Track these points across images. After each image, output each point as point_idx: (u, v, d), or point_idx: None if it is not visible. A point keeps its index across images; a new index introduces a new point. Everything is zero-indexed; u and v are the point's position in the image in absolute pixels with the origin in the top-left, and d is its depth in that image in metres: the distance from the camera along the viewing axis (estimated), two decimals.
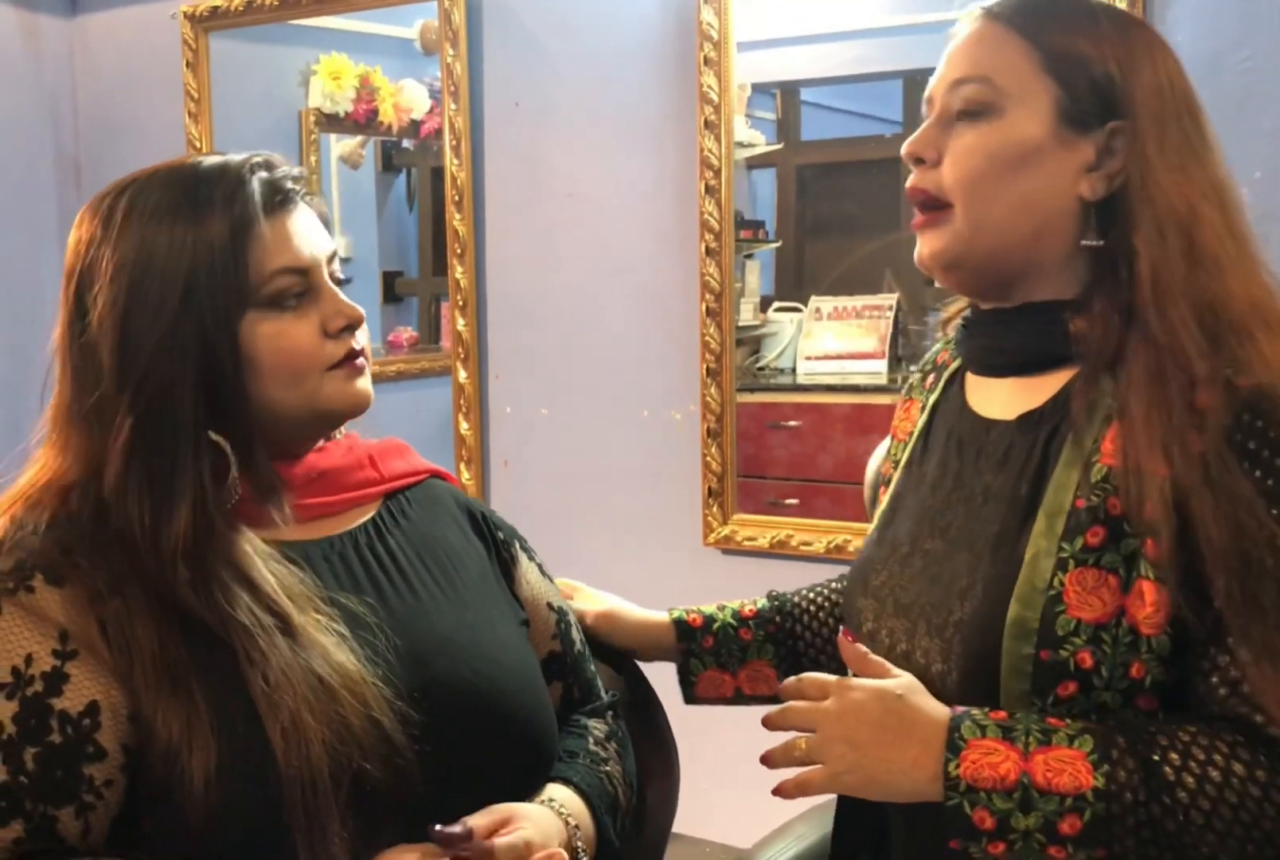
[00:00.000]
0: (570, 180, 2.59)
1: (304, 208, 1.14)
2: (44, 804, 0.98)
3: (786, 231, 2.83)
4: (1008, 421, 1.12)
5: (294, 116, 3.21)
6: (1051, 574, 1.01)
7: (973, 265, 1.10)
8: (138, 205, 1.09)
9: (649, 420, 2.54)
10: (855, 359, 2.65)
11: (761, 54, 2.49)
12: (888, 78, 2.78)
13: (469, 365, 2.70)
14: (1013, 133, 1.07)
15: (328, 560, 1.14)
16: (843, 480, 2.60)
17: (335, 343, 1.12)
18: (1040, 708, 1.00)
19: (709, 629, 1.38)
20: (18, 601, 1.02)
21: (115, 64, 3.20)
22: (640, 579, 2.50)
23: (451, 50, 2.63)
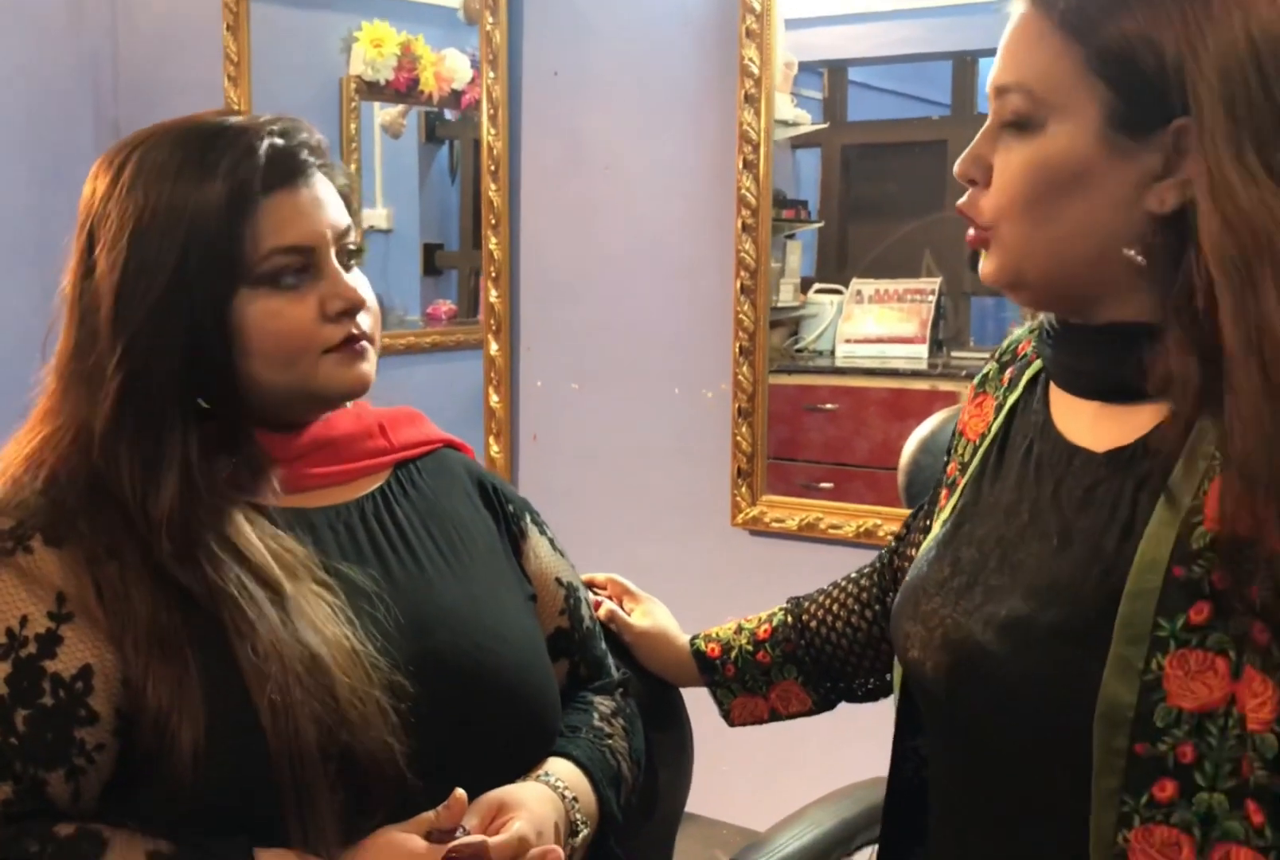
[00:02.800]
0: (607, 152, 2.56)
1: (320, 180, 1.10)
2: (34, 766, 0.97)
3: (829, 212, 2.80)
4: (1095, 453, 0.98)
5: (335, 83, 3.19)
6: (1148, 654, 0.87)
7: (1033, 288, 0.98)
8: (146, 163, 1.06)
9: (680, 398, 2.51)
10: (895, 343, 2.62)
11: (810, 32, 2.46)
12: (937, 58, 2.75)
13: (500, 338, 2.68)
14: (1055, 151, 0.93)
15: (333, 528, 1.12)
16: (879, 465, 2.56)
17: (333, 326, 1.08)
18: (1133, 809, 0.87)
19: (727, 658, 1.35)
20: (15, 562, 1.01)
21: (156, 27, 3.19)
22: (666, 558, 2.49)
23: (491, 18, 2.60)
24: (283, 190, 1.07)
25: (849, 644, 1.32)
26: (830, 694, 1.34)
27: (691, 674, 1.37)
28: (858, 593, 1.34)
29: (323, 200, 1.10)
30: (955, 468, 1.14)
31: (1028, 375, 1.10)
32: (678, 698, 1.42)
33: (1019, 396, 1.10)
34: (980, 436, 1.12)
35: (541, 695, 1.15)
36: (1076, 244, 0.94)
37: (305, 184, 1.09)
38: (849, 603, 1.34)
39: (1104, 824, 0.89)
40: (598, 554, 1.42)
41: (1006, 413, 1.10)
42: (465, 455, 1.31)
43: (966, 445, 1.14)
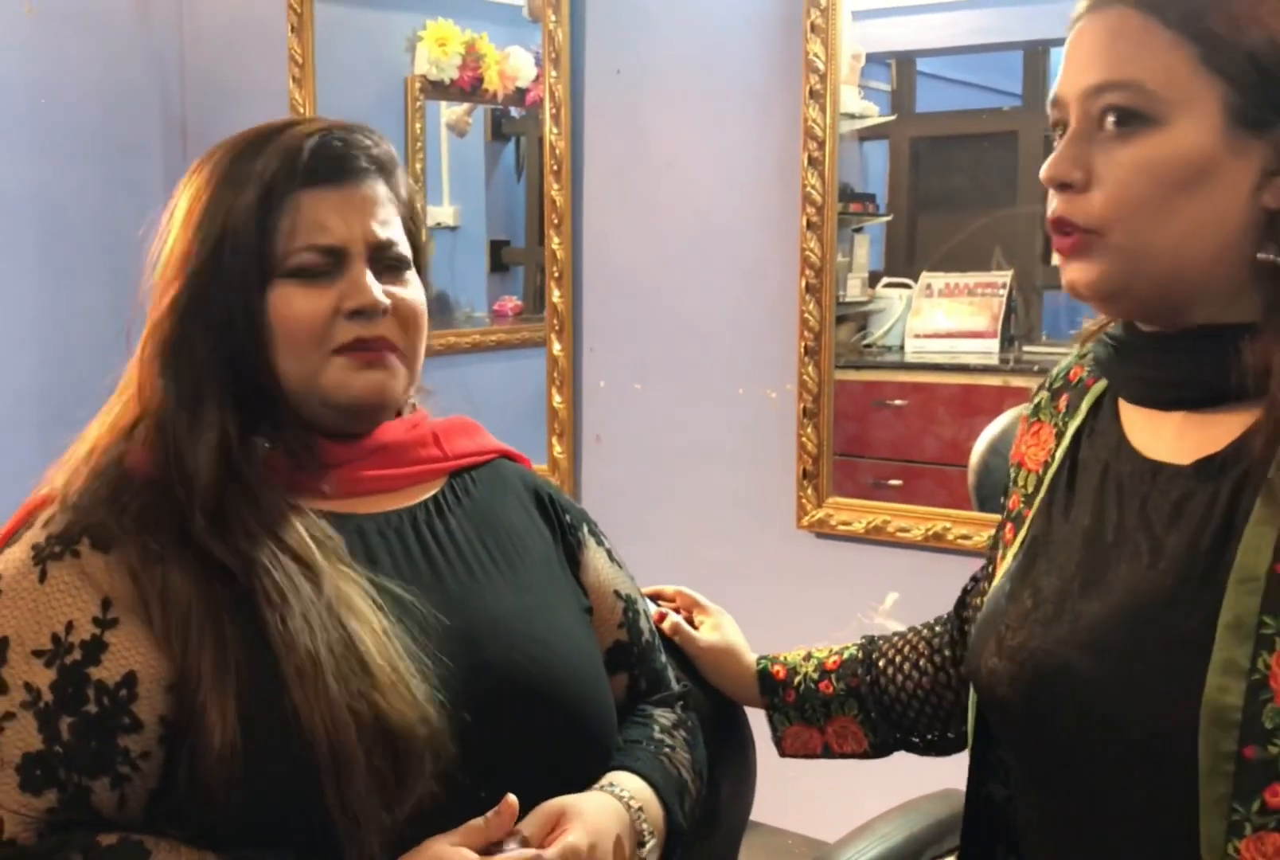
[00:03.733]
0: (670, 150, 2.53)
1: (371, 186, 1.12)
2: (78, 774, 0.97)
3: (898, 205, 2.78)
4: (1180, 466, 0.96)
5: (399, 83, 3.19)
6: (1254, 654, 0.86)
7: (1137, 294, 0.95)
8: (211, 162, 1.13)
9: (744, 398, 2.48)
10: (966, 338, 2.58)
11: (877, 23, 2.43)
12: (1007, 49, 2.71)
13: (564, 337, 2.66)
14: (1179, 146, 0.91)
15: (383, 535, 1.12)
16: (949, 462, 2.53)
17: (349, 324, 1.09)
18: (1244, 817, 0.85)
19: (790, 682, 1.33)
20: (62, 567, 1.01)
21: (221, 29, 3.21)
22: (730, 560, 2.47)
23: (554, 16, 2.58)
24: (323, 188, 1.09)
25: (913, 687, 1.29)
26: (888, 738, 1.32)
27: (753, 694, 1.35)
28: (930, 637, 1.32)
29: (364, 205, 1.11)
30: (1018, 500, 1.11)
31: (1089, 400, 1.08)
32: (740, 710, 1.40)
33: (1082, 422, 1.08)
34: (1043, 466, 1.10)
35: (594, 708, 1.13)
36: (1195, 244, 0.92)
37: (350, 186, 1.11)
38: (920, 646, 1.31)
39: (1213, 833, 0.86)
40: (660, 556, 1.40)
41: (1070, 439, 1.07)
42: (522, 465, 1.30)
43: (1028, 476, 1.11)
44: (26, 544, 1.04)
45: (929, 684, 1.29)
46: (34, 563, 1.02)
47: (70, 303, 3.11)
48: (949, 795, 1.74)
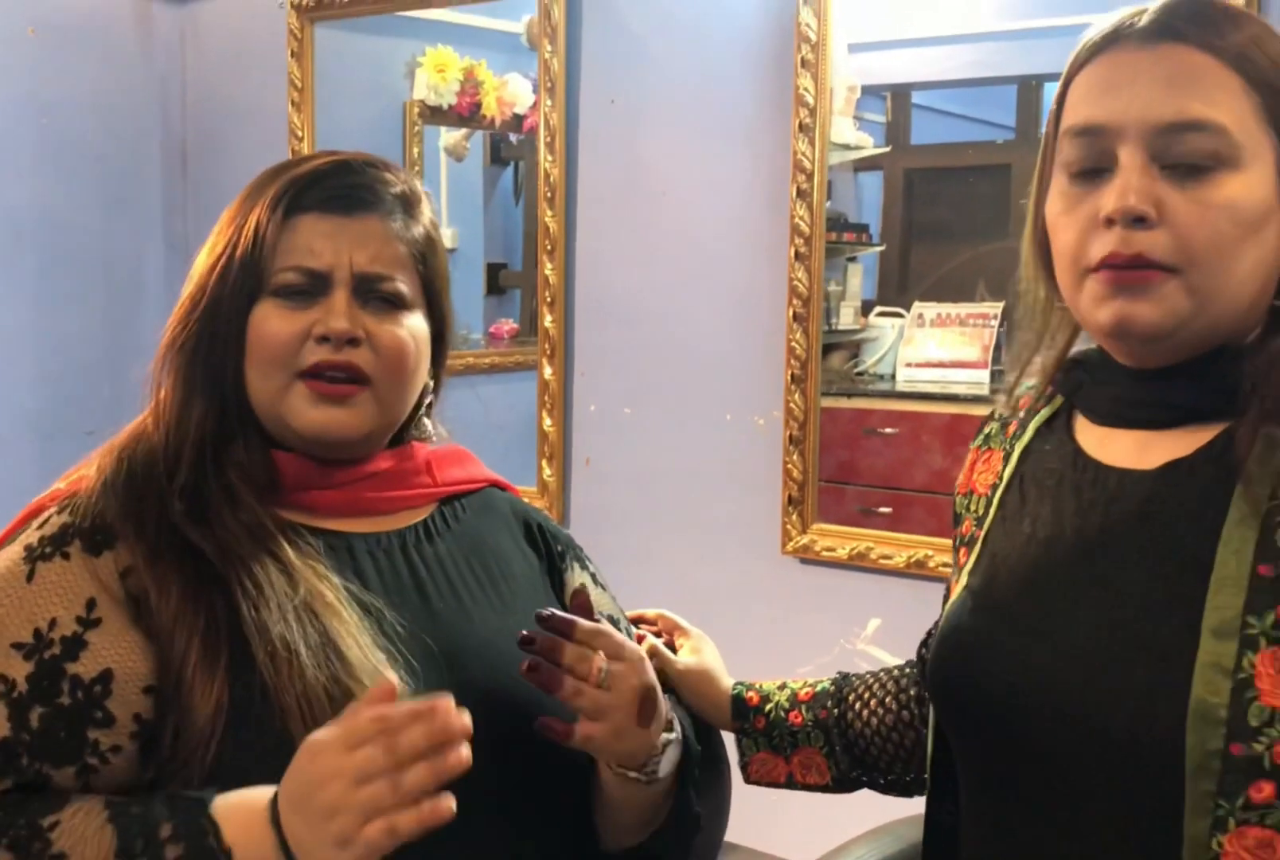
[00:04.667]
0: (663, 179, 2.57)
1: (378, 221, 1.14)
2: (41, 762, 0.99)
3: (891, 235, 2.80)
4: (1145, 471, 0.98)
5: (398, 108, 3.23)
6: (1238, 653, 0.88)
7: (1181, 338, 0.96)
8: (240, 196, 1.18)
9: (732, 424, 2.51)
10: (956, 368, 2.60)
11: (873, 56, 2.46)
12: (1002, 83, 2.73)
13: (555, 362, 2.69)
14: (1254, 191, 0.93)
15: (372, 555, 1.14)
16: (938, 491, 2.55)
17: (314, 347, 1.11)
18: (1228, 813, 0.87)
19: (762, 709, 1.34)
20: (51, 567, 1.04)
21: (223, 51, 3.25)
22: (716, 584, 2.49)
23: (550, 46, 2.62)
24: (321, 214, 1.13)
25: (877, 723, 1.31)
26: (850, 773, 1.33)
27: (726, 717, 1.36)
28: (899, 677, 1.33)
29: (361, 237, 1.13)
30: (970, 524, 1.13)
31: (1035, 422, 1.10)
32: (716, 733, 1.42)
33: (1029, 441, 1.10)
34: (992, 488, 1.12)
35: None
36: (1250, 287, 0.95)
37: (352, 216, 1.13)
38: (889, 684, 1.33)
39: (1197, 830, 0.88)
40: (646, 578, 1.41)
41: (1018, 458, 1.10)
42: (512, 494, 1.32)
43: (978, 500, 1.13)
44: (20, 545, 1.07)
45: (892, 721, 1.30)
46: (24, 562, 1.05)
47: (68, 321, 3.14)
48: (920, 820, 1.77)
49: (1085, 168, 0.97)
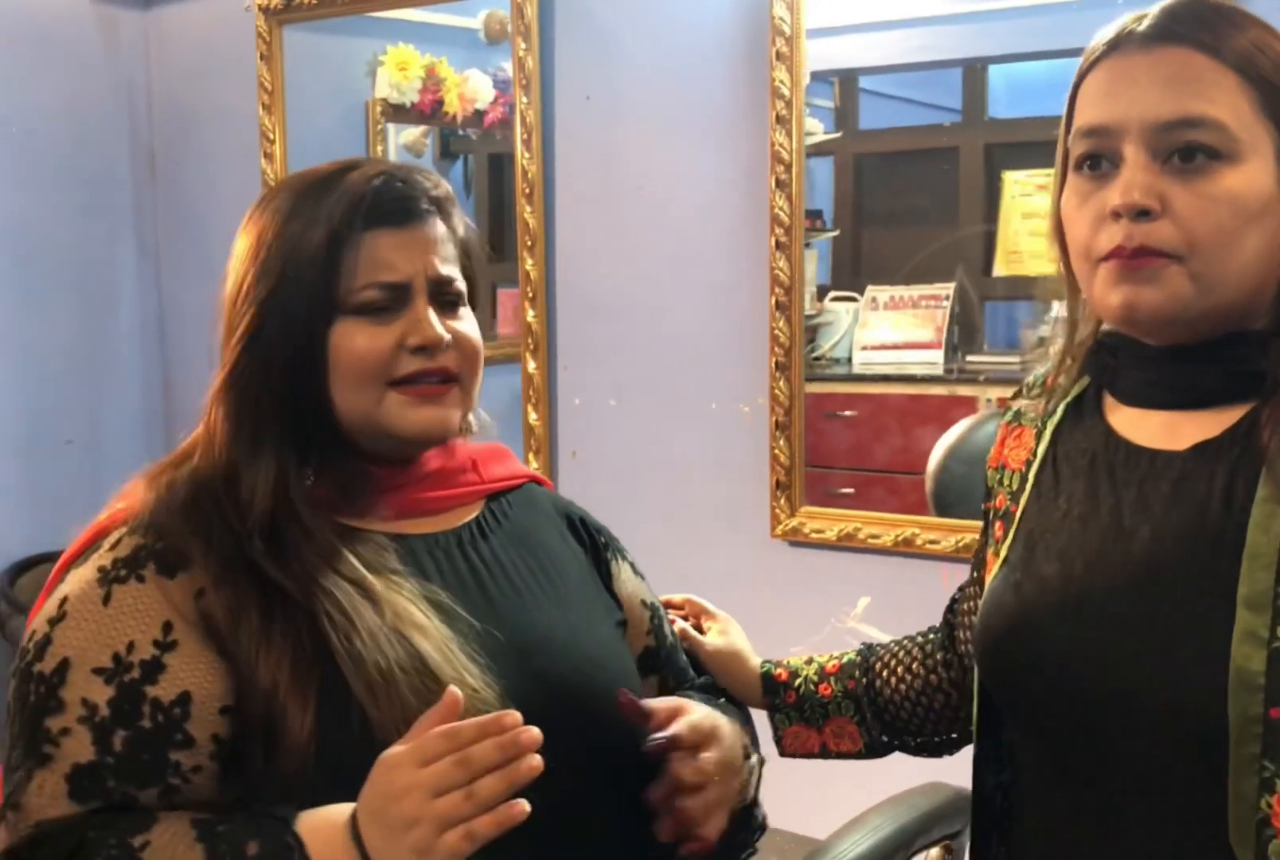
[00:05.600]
0: (641, 173, 2.60)
1: (431, 226, 1.16)
2: (127, 784, 1.01)
3: (844, 220, 2.84)
4: (1175, 452, 1.04)
5: (361, 107, 3.23)
6: (1273, 623, 0.94)
7: (1188, 320, 1.02)
8: (273, 204, 1.17)
9: (717, 412, 2.56)
10: (911, 349, 2.65)
11: (820, 42, 2.47)
12: (948, 66, 2.78)
13: (538, 356, 2.72)
14: (1252, 182, 0.99)
15: (432, 555, 1.17)
16: (899, 470, 2.62)
17: (410, 357, 1.13)
18: (1274, 774, 0.93)
19: (792, 684, 1.39)
20: (127, 590, 1.06)
21: (189, 56, 3.24)
22: (708, 570, 2.53)
23: (524, 44, 2.65)
24: (385, 228, 1.14)
25: (906, 689, 1.36)
26: (881, 737, 1.38)
27: (757, 695, 1.40)
28: (923, 643, 1.39)
29: (425, 244, 1.15)
30: (1004, 499, 1.19)
31: (1066, 401, 1.16)
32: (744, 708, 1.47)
33: (1060, 420, 1.15)
34: (1025, 464, 1.17)
35: None
36: (1254, 274, 1.01)
37: (411, 226, 1.15)
38: (914, 651, 1.38)
39: (1245, 791, 0.94)
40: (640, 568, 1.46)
41: (1050, 437, 1.15)
42: (549, 489, 1.36)
43: (1011, 475, 1.19)
44: (93, 566, 1.08)
45: (921, 686, 1.35)
46: (100, 585, 1.06)
47: (40, 329, 3.13)
48: (935, 788, 1.82)
49: (1094, 165, 1.03)
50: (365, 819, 0.96)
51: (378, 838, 0.95)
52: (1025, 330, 2.68)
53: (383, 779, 0.96)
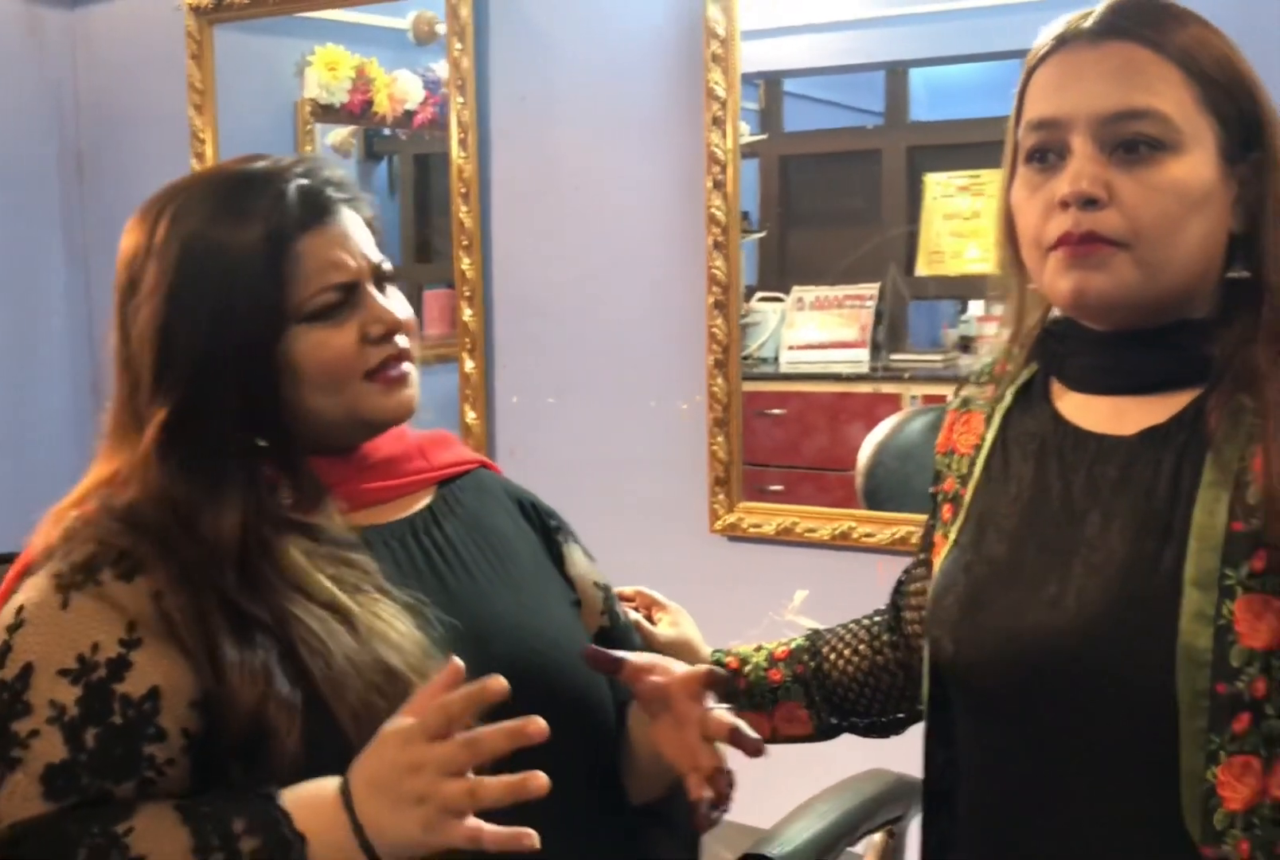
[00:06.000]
0: (577, 174, 2.62)
1: (348, 214, 1.15)
2: (102, 779, 1.01)
3: (770, 221, 2.88)
4: (1123, 437, 1.08)
5: (290, 107, 3.22)
6: (1219, 602, 0.98)
7: (1135, 305, 1.06)
8: (181, 213, 1.12)
9: (656, 410, 2.58)
10: (837, 348, 2.70)
11: (746, 45, 2.49)
12: (870, 69, 2.84)
13: (476, 355, 2.73)
14: (1194, 172, 1.03)
15: (387, 546, 1.17)
16: (827, 467, 2.66)
17: (375, 348, 1.14)
18: (1219, 746, 0.98)
19: (742, 671, 1.41)
20: (86, 595, 1.05)
21: (117, 56, 3.20)
22: (648, 566, 2.53)
23: (459, 44, 2.66)
24: (317, 229, 1.12)
25: (854, 671, 1.38)
26: (830, 719, 1.40)
27: None
28: (870, 626, 1.41)
29: (353, 234, 1.15)
30: (953, 483, 1.22)
31: (1014, 387, 1.19)
32: None
33: (1009, 406, 1.18)
34: (975, 448, 1.20)
35: (593, 697, 1.21)
36: (1198, 260, 1.05)
37: (336, 221, 1.14)
38: (860, 633, 1.40)
39: (1194, 763, 0.99)
40: None
41: (999, 422, 1.19)
42: (498, 474, 1.38)
43: (960, 460, 1.22)
44: (48, 574, 1.06)
45: (868, 667, 1.38)
46: (57, 592, 1.05)
47: None
48: (878, 774, 1.85)
49: (1043, 157, 1.07)
50: (368, 789, 0.97)
51: (379, 807, 0.96)
52: (946, 329, 2.73)
53: (390, 751, 0.96)
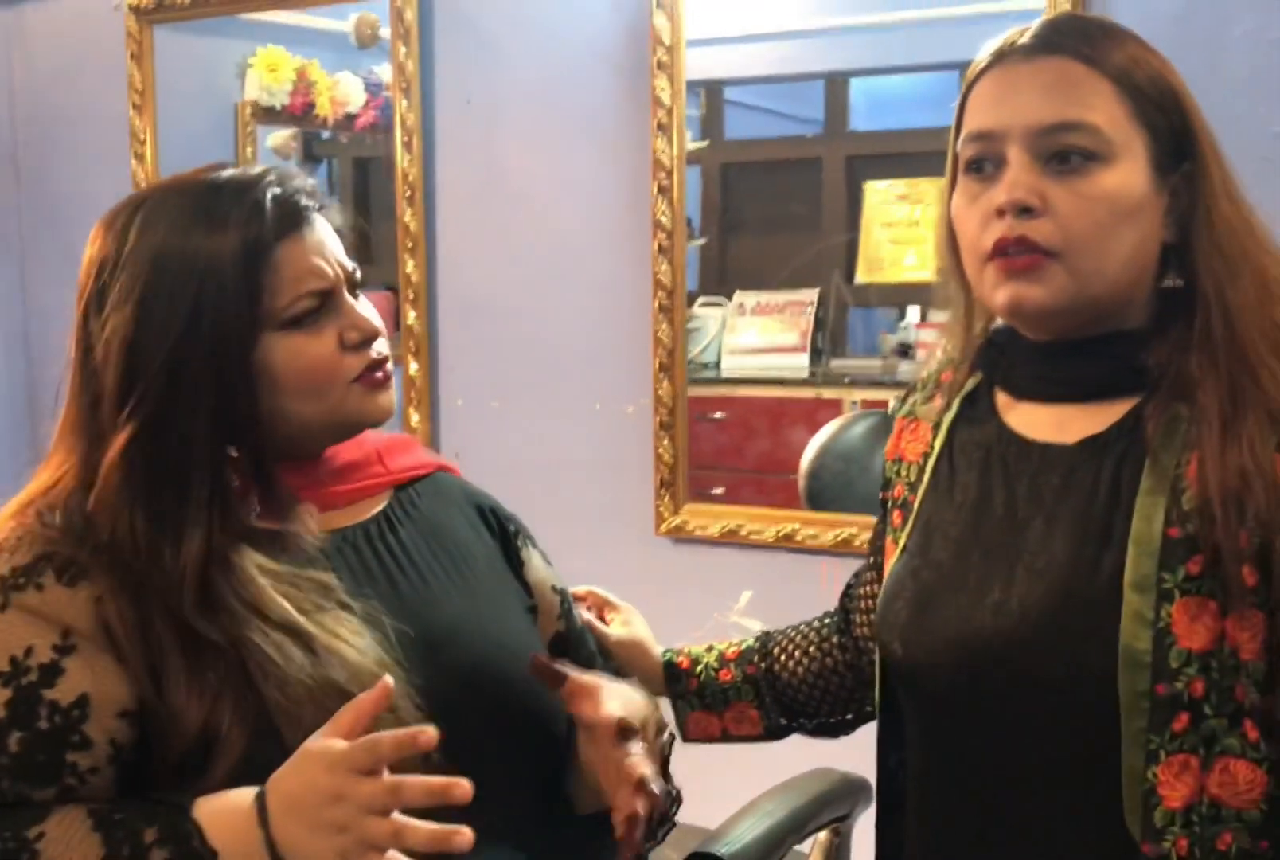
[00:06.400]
0: (523, 177, 2.63)
1: (319, 222, 1.15)
2: (21, 784, 1.01)
3: (711, 228, 2.89)
4: (1065, 445, 1.10)
5: (230, 109, 3.20)
6: (1157, 605, 1.01)
7: (1070, 313, 1.08)
8: (149, 227, 1.11)
9: (601, 413, 2.59)
10: (778, 353, 2.72)
11: (688, 52, 2.54)
12: (810, 79, 2.86)
13: (420, 358, 2.73)
14: (1125, 183, 1.05)
15: (340, 552, 1.17)
16: (768, 471, 2.68)
17: (354, 355, 1.14)
18: (1159, 746, 1.00)
19: (693, 671, 1.42)
20: (26, 599, 1.04)
21: (54, 56, 3.17)
22: (593, 568, 2.52)
23: (404, 47, 2.66)
24: (292, 237, 1.12)
25: (804, 672, 1.40)
26: (780, 719, 1.42)
27: (660, 683, 1.43)
28: (819, 627, 1.43)
29: (328, 242, 1.15)
30: (902, 489, 1.24)
31: (960, 395, 1.21)
32: None
33: (955, 415, 1.21)
34: (923, 456, 1.23)
35: (544, 704, 1.20)
36: (1131, 269, 1.08)
37: (309, 229, 1.13)
38: (810, 635, 1.42)
39: (1135, 763, 1.01)
40: None
41: (946, 431, 1.21)
42: (457, 478, 1.37)
43: (909, 467, 1.24)
44: None
45: (818, 668, 1.40)
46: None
47: None
48: (824, 773, 1.87)
49: (980, 167, 1.10)
50: (283, 806, 0.97)
51: (296, 829, 0.96)
52: (884, 335, 2.76)
53: (315, 775, 0.96)
